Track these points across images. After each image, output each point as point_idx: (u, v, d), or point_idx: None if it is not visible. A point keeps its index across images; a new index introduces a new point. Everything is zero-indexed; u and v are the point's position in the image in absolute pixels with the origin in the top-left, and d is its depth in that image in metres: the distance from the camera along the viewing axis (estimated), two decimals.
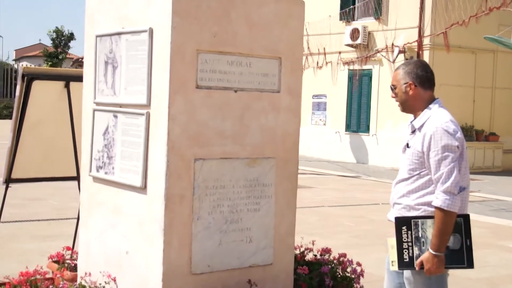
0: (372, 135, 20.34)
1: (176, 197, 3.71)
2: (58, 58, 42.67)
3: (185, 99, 3.71)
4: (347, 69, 21.15)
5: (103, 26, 4.23)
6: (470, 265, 3.57)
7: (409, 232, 3.61)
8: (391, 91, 3.77)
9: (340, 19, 21.15)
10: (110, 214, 4.15)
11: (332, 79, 21.62)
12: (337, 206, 11.93)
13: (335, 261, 4.74)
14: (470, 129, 19.16)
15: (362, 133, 20.74)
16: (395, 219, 3.66)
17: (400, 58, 18.78)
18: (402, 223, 3.64)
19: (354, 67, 20.86)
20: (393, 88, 3.75)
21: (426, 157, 3.53)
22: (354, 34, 20.23)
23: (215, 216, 3.87)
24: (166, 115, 3.66)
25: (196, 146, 3.77)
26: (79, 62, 31.84)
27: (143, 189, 3.83)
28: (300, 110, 4.26)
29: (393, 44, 19.11)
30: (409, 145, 3.68)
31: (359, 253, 7.45)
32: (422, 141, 3.55)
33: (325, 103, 22.10)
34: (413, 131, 3.67)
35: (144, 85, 3.81)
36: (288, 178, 4.18)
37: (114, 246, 4.10)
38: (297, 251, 4.85)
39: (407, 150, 3.68)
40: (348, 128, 21.29)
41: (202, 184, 3.80)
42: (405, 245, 3.62)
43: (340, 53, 21.04)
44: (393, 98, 3.78)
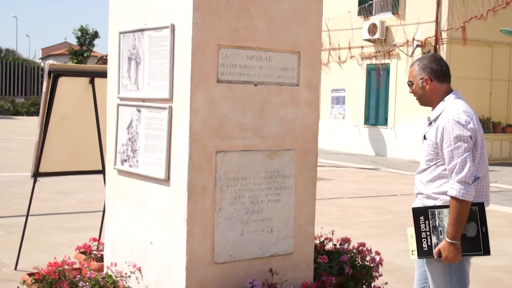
0: (390, 128, 20.34)
1: (199, 189, 3.77)
2: (83, 56, 42.89)
3: (206, 93, 3.76)
4: (366, 64, 21.19)
5: (126, 23, 4.31)
6: (487, 252, 3.63)
7: (427, 222, 3.68)
8: (409, 87, 3.87)
9: (359, 15, 21.23)
10: (135, 206, 4.23)
11: (351, 74, 21.64)
12: (356, 198, 11.96)
13: (355, 250, 4.79)
14: (487, 121, 19.21)
15: (381, 126, 20.76)
16: (412, 210, 3.74)
17: (418, 52, 18.78)
18: (420, 213, 3.71)
19: (372, 62, 20.89)
20: (410, 84, 3.85)
21: (440, 148, 3.61)
22: (372, 29, 20.25)
23: (237, 207, 3.92)
24: (188, 109, 3.71)
25: (218, 139, 3.82)
26: (103, 60, 31.91)
27: (167, 181, 3.89)
28: (319, 103, 4.33)
29: (414, 39, 19.08)
30: (426, 137, 3.76)
31: (378, 243, 7.52)
32: (436, 133, 3.63)
33: (344, 97, 22.14)
34: (430, 123, 3.76)
35: (167, 80, 3.86)
36: (308, 169, 4.22)
37: (139, 237, 4.19)
38: (317, 241, 4.92)
39: (424, 142, 3.77)
40: (367, 122, 21.32)
41: (224, 176, 3.86)
42: (423, 235, 3.70)
43: (363, 48, 21.05)
44: (411, 94, 3.88)
